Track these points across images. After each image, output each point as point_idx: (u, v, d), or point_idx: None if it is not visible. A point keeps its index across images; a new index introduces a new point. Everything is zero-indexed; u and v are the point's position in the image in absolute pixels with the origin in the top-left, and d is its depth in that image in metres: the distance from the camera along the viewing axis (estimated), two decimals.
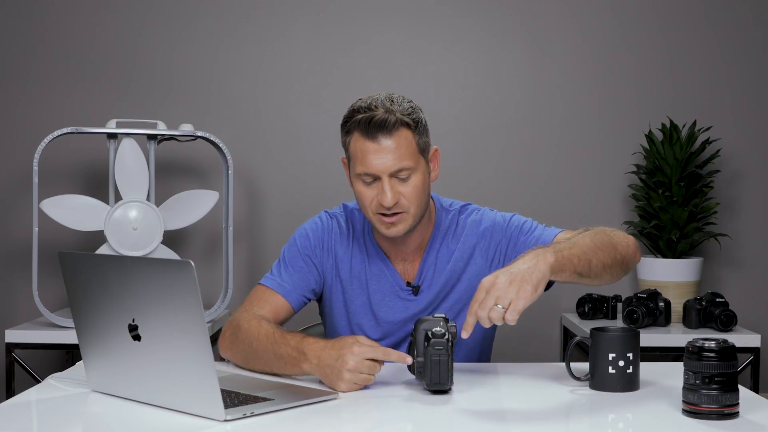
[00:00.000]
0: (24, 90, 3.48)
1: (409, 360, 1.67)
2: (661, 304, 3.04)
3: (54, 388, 1.70)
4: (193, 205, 3.10)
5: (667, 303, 3.07)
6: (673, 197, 3.22)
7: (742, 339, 2.93)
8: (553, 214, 3.41)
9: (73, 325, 1.77)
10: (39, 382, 2.07)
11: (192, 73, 3.49)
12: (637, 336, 1.65)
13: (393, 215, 1.88)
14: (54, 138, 2.93)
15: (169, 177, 3.42)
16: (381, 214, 1.89)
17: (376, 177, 1.87)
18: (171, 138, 3.10)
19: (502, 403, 1.60)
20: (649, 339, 2.91)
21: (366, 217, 1.95)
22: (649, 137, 3.33)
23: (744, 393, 1.51)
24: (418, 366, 1.65)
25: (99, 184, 3.36)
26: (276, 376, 1.77)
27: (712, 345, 1.43)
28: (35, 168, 2.92)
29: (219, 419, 1.41)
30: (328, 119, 3.44)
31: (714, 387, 1.42)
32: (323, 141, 3.46)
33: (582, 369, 1.71)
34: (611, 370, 1.63)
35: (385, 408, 1.56)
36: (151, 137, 3.06)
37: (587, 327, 2.96)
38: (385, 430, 1.45)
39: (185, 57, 3.49)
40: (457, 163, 3.46)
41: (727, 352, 1.42)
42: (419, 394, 1.62)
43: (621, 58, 3.52)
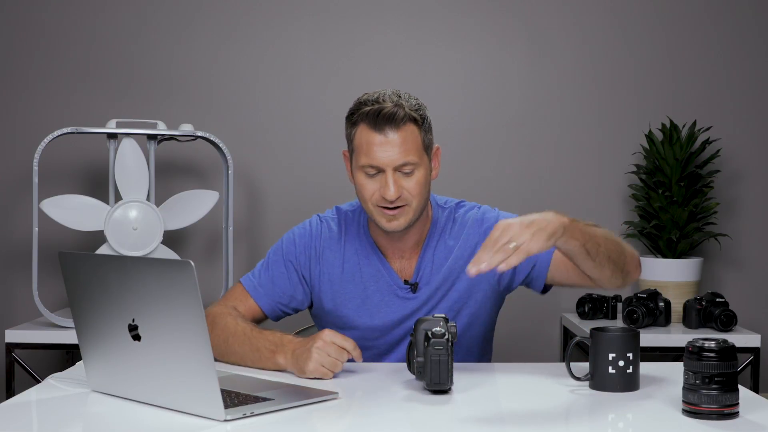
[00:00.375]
0: (24, 90, 3.48)
1: (358, 357, 1.77)
2: (661, 304, 3.04)
3: (54, 388, 1.70)
4: (193, 205, 3.10)
5: (667, 303, 3.07)
6: (673, 197, 3.22)
7: (742, 339, 2.93)
8: None
9: (73, 325, 1.77)
10: (39, 382, 2.07)
11: (192, 73, 3.49)
12: (637, 336, 1.65)
13: (395, 208, 1.89)
14: (54, 138, 2.93)
15: (169, 177, 3.42)
16: (382, 207, 1.89)
17: (379, 170, 1.87)
18: (171, 138, 3.10)
19: (501, 403, 1.60)
20: (649, 339, 2.91)
21: (366, 211, 1.94)
22: (649, 137, 3.33)
23: (744, 393, 1.51)
24: (418, 366, 1.65)
25: (99, 184, 3.36)
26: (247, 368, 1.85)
27: (712, 345, 1.43)
28: (35, 168, 2.92)
29: (219, 419, 1.41)
30: (328, 119, 3.44)
31: (714, 387, 1.42)
32: (323, 141, 3.46)
33: (582, 369, 1.70)
34: (611, 370, 1.63)
35: (385, 408, 1.55)
36: (151, 137, 3.06)
37: (587, 327, 2.96)
38: (385, 430, 1.45)
39: (185, 57, 3.49)
40: (457, 163, 3.46)
41: (727, 352, 1.42)
42: (419, 394, 1.62)
43: (621, 58, 3.52)
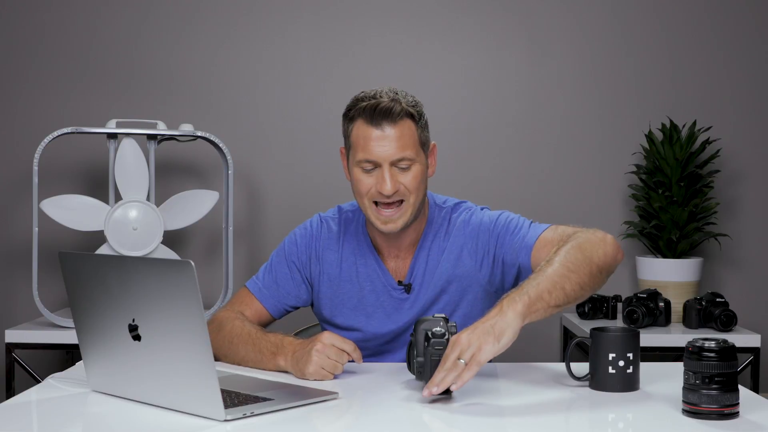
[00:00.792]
0: (24, 90, 3.48)
1: (358, 358, 1.79)
2: (661, 304, 3.04)
3: (54, 388, 1.70)
4: (193, 205, 3.10)
5: (667, 303, 3.06)
6: (673, 197, 3.22)
7: (742, 339, 2.93)
8: (553, 214, 3.41)
9: (73, 325, 1.77)
10: (39, 382, 2.07)
11: (192, 73, 3.49)
12: (637, 336, 1.65)
13: (391, 204, 1.89)
14: (54, 138, 2.93)
15: (169, 177, 3.42)
16: (378, 204, 1.90)
17: (376, 165, 1.88)
18: (171, 138, 3.10)
19: (502, 403, 1.60)
20: (649, 339, 2.91)
21: (361, 208, 1.95)
22: (649, 137, 3.33)
23: (744, 393, 1.51)
24: (418, 366, 1.65)
25: (99, 184, 3.36)
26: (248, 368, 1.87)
27: (712, 345, 1.43)
28: (35, 168, 2.92)
29: (219, 419, 1.41)
30: (328, 119, 3.44)
31: (714, 387, 1.42)
32: (323, 141, 3.46)
33: (582, 369, 1.70)
34: (611, 370, 1.63)
35: (385, 408, 1.56)
36: (151, 137, 3.06)
37: (587, 327, 2.96)
38: (385, 430, 1.45)
39: (185, 57, 3.49)
40: (457, 163, 3.46)
41: (727, 352, 1.42)
42: (419, 394, 1.62)
43: (621, 58, 3.52)
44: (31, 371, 2.98)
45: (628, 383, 1.64)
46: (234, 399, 1.52)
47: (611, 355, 1.63)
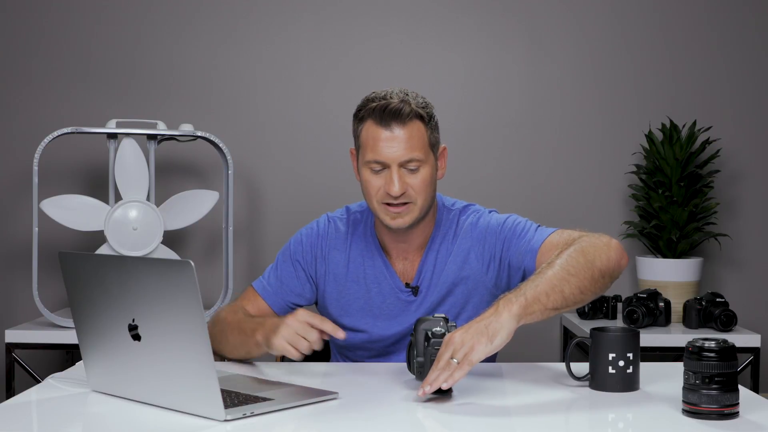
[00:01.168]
0: (24, 90, 3.48)
1: (341, 334, 1.75)
2: (661, 304, 3.04)
3: (54, 388, 1.70)
4: (193, 205, 3.10)
5: (667, 303, 3.07)
6: (673, 197, 3.22)
7: (742, 339, 2.93)
8: (553, 214, 3.42)
9: (73, 325, 1.77)
10: (39, 382, 2.07)
11: (192, 73, 3.50)
12: (637, 336, 1.65)
13: (400, 205, 1.89)
14: (54, 138, 2.93)
15: (169, 177, 3.42)
16: (387, 204, 1.89)
17: (385, 165, 1.88)
18: (171, 138, 3.10)
19: (502, 403, 1.60)
20: (649, 339, 2.91)
21: (370, 208, 1.95)
22: (649, 137, 3.33)
23: (744, 393, 1.51)
24: (418, 366, 1.65)
25: (99, 184, 3.36)
26: (238, 362, 1.90)
27: (712, 345, 1.42)
28: (35, 168, 2.92)
29: (219, 419, 1.41)
30: (328, 119, 3.45)
31: (714, 387, 1.42)
32: (323, 141, 3.46)
33: (582, 369, 1.70)
34: (611, 370, 1.63)
35: (385, 408, 1.55)
36: (151, 137, 3.06)
37: (587, 327, 2.96)
38: (385, 430, 1.45)
39: (185, 57, 3.49)
40: (458, 163, 3.45)
41: (727, 352, 1.42)
42: None
43: (621, 58, 3.52)
44: (31, 371, 2.98)
45: (628, 383, 1.63)
46: (234, 399, 1.52)
47: (611, 355, 1.63)
